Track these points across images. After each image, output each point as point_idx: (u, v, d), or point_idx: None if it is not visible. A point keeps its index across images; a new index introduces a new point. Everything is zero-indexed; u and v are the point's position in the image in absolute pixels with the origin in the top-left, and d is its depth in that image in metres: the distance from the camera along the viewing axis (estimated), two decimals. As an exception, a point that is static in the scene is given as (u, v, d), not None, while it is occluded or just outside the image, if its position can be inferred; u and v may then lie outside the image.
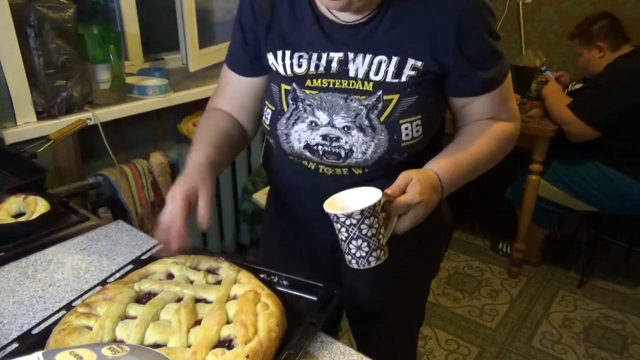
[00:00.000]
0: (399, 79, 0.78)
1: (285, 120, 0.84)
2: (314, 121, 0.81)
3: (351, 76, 0.80)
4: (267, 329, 0.66)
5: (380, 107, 0.78)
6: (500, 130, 0.87)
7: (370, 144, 0.79)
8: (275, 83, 0.87)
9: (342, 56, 0.80)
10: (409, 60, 0.78)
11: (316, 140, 0.82)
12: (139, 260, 0.86)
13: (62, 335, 0.65)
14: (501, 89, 0.85)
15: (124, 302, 0.71)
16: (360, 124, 0.79)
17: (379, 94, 0.79)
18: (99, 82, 1.63)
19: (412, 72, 0.78)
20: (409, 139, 0.80)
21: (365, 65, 0.79)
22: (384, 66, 0.78)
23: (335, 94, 0.80)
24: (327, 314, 0.72)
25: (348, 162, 0.82)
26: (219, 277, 0.79)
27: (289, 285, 0.81)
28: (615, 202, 2.17)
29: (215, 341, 0.65)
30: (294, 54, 0.83)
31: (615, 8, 2.42)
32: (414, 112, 0.79)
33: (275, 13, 0.85)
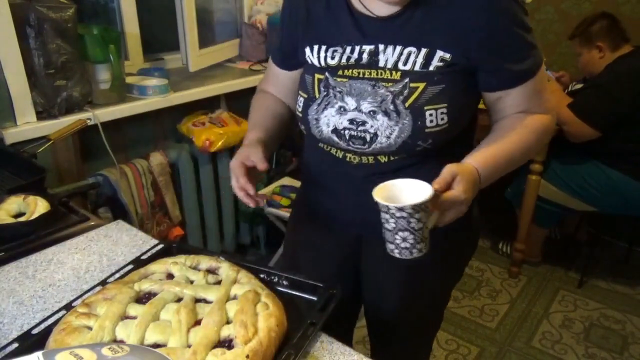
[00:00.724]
0: (426, 69, 0.81)
1: (316, 106, 0.88)
2: (342, 106, 0.85)
3: (380, 66, 0.83)
4: (267, 329, 0.66)
5: (406, 94, 0.81)
6: (535, 122, 0.87)
7: (395, 128, 0.82)
8: (309, 74, 0.91)
9: (373, 48, 0.84)
10: (438, 52, 0.80)
11: (344, 124, 0.85)
12: (139, 260, 0.86)
13: (62, 335, 0.65)
14: (534, 81, 0.85)
15: (124, 302, 0.71)
16: (385, 108, 0.82)
17: (405, 81, 0.81)
18: (99, 82, 1.63)
19: (440, 64, 0.81)
20: (433, 126, 0.81)
21: (395, 56, 0.82)
22: (413, 57, 0.81)
23: (365, 81, 0.84)
24: (327, 314, 0.72)
25: (373, 148, 0.85)
26: (219, 277, 0.79)
27: (289, 285, 0.81)
28: (615, 202, 2.17)
29: (215, 341, 0.65)
30: (329, 49, 0.88)
31: (615, 8, 2.42)
32: (440, 100, 0.81)
33: (312, 11, 0.91)
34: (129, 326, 0.67)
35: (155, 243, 0.94)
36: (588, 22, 2.15)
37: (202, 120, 2.02)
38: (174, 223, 2.00)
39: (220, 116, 2.09)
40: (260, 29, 2.34)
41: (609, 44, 2.11)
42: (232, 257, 0.83)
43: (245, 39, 2.35)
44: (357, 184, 0.92)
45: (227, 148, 2.05)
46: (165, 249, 0.90)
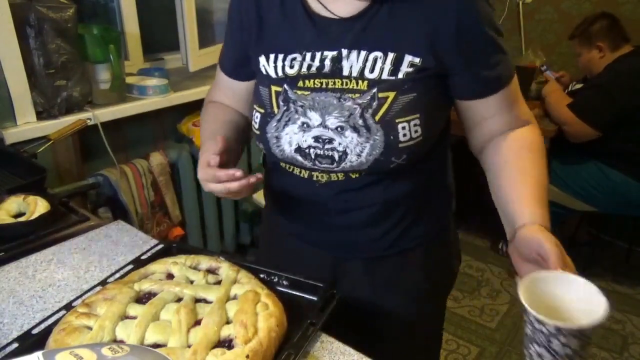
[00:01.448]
0: (395, 76, 0.74)
1: (275, 123, 0.79)
2: (305, 122, 0.77)
3: (345, 75, 0.75)
4: (267, 328, 0.66)
5: (375, 106, 0.74)
6: (532, 138, 0.81)
7: (365, 145, 0.74)
8: (264, 85, 0.82)
9: (336, 54, 0.75)
10: (406, 56, 0.73)
11: (308, 142, 0.77)
12: (139, 260, 0.86)
13: (62, 335, 0.65)
14: (509, 89, 0.79)
15: (124, 302, 0.71)
16: (354, 123, 0.74)
17: (373, 91, 0.74)
18: (99, 82, 1.63)
19: (410, 69, 0.74)
20: (406, 140, 0.74)
21: (359, 62, 0.74)
22: (380, 63, 0.74)
23: (329, 93, 0.76)
24: (327, 314, 0.72)
25: (343, 166, 0.77)
26: (219, 277, 0.79)
27: (289, 285, 0.81)
28: (615, 202, 2.17)
29: (215, 341, 0.65)
30: (286, 57, 0.78)
31: (615, 8, 2.42)
32: (412, 110, 0.74)
33: (265, 16, 0.82)
34: (129, 326, 0.67)
35: (155, 243, 0.94)
36: (588, 22, 2.15)
37: (202, 120, 2.02)
38: (174, 223, 2.00)
39: (220, 116, 2.09)
40: (260, 29, 2.34)
41: (609, 44, 2.11)
42: (232, 257, 0.83)
43: (245, 39, 2.34)
44: (325, 203, 0.85)
45: (227, 148, 2.05)
46: (165, 249, 0.90)
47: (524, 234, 0.69)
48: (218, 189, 0.78)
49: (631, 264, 2.60)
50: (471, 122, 0.84)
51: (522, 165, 0.78)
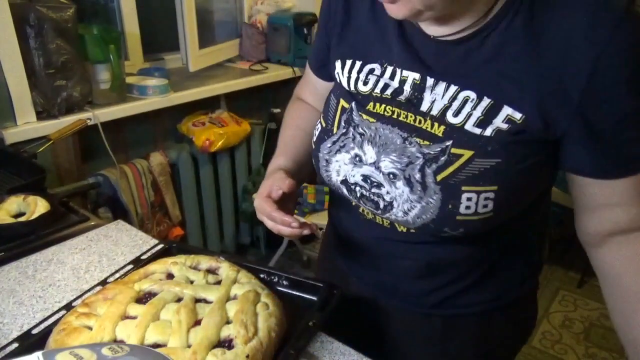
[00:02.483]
0: (482, 129, 0.58)
1: (330, 144, 0.70)
2: (359, 155, 0.66)
3: (423, 110, 0.61)
4: (267, 329, 0.66)
5: (442, 162, 0.59)
6: None
7: (416, 204, 0.61)
8: (335, 96, 0.72)
9: (419, 79, 0.62)
10: (505, 107, 0.57)
11: (355, 178, 0.66)
12: (139, 260, 0.86)
13: (62, 336, 0.65)
14: None
15: (124, 302, 0.71)
16: (410, 175, 0.61)
17: (447, 143, 0.59)
18: (99, 82, 1.63)
19: (504, 126, 0.57)
20: (469, 213, 0.59)
21: (445, 99, 0.60)
22: (469, 107, 0.58)
23: (395, 129, 0.63)
24: (327, 313, 0.72)
25: (388, 216, 0.66)
26: (219, 277, 0.79)
27: (289, 285, 0.81)
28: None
29: (215, 341, 0.65)
30: (364, 67, 0.67)
31: (615, 8, 2.42)
32: (488, 180, 0.58)
33: (352, 15, 0.70)
34: (129, 326, 0.67)
35: (155, 243, 0.94)
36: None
37: (202, 120, 2.02)
38: (174, 223, 2.01)
39: (220, 116, 2.09)
40: (260, 29, 2.34)
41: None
42: (232, 257, 0.83)
43: (245, 39, 2.35)
44: (370, 242, 0.76)
45: (227, 148, 2.05)
46: (165, 249, 0.90)
47: None
48: (269, 225, 0.71)
49: (631, 264, 2.60)
50: (586, 204, 0.64)
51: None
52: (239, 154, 2.18)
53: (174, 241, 0.94)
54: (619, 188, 0.60)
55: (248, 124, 2.14)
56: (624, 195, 0.60)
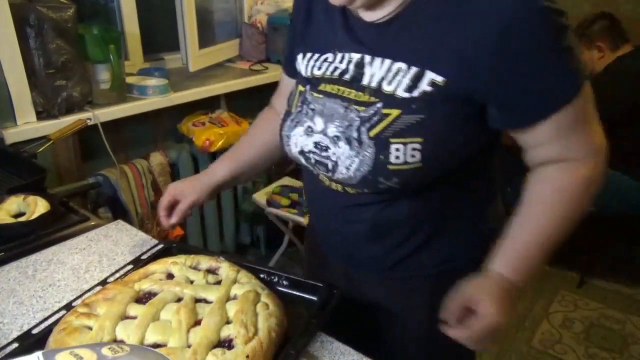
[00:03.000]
0: (410, 94, 0.67)
1: (289, 122, 0.81)
2: (310, 126, 0.76)
3: (364, 83, 0.71)
4: (267, 328, 0.66)
5: (374, 121, 0.69)
6: (573, 183, 0.72)
7: (355, 159, 0.70)
8: (296, 83, 0.85)
9: (360, 58, 0.72)
10: (427, 72, 0.66)
11: (309, 147, 0.76)
12: (139, 260, 0.86)
13: (62, 335, 0.65)
14: (567, 114, 0.67)
15: (124, 302, 0.71)
16: (349, 135, 0.71)
17: (378, 106, 0.69)
18: (99, 82, 1.63)
19: (429, 88, 0.66)
20: (399, 163, 0.68)
21: (382, 71, 0.70)
22: (400, 76, 0.68)
23: (338, 101, 0.73)
24: (327, 313, 0.72)
25: (336, 177, 0.75)
26: (219, 277, 0.79)
27: (289, 285, 0.81)
28: (615, 202, 2.17)
29: (215, 341, 0.65)
30: (320, 57, 0.78)
31: (615, 8, 2.42)
32: (413, 133, 0.67)
33: (313, 13, 0.82)
34: (129, 326, 0.67)
35: (155, 243, 0.94)
36: (588, 22, 2.15)
37: (202, 120, 2.02)
38: (174, 223, 2.00)
39: (220, 116, 2.09)
40: (260, 29, 2.34)
41: (609, 44, 2.11)
42: (232, 257, 0.83)
43: (245, 39, 2.35)
44: (336, 211, 0.84)
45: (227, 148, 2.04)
46: (165, 249, 0.90)
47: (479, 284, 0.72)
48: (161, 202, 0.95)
49: (631, 264, 2.60)
50: (522, 145, 0.75)
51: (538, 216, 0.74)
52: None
53: (174, 241, 0.95)
54: (537, 133, 0.69)
55: (248, 124, 2.14)
56: (544, 136, 0.70)
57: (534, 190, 0.75)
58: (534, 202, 0.75)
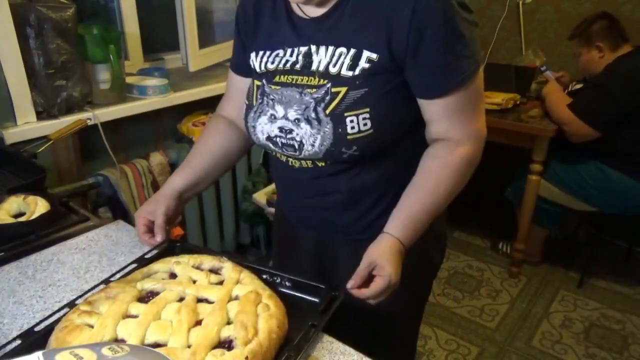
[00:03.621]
0: (353, 71, 0.79)
1: (252, 114, 0.90)
2: (273, 114, 0.85)
3: (313, 69, 0.82)
4: (267, 330, 0.66)
5: (327, 100, 0.80)
6: (455, 160, 0.84)
7: (317, 136, 0.81)
8: (252, 80, 0.93)
9: (307, 49, 0.83)
10: (364, 52, 0.78)
11: (275, 132, 0.86)
12: (143, 259, 0.86)
13: (64, 333, 0.65)
14: (457, 97, 0.80)
15: (126, 300, 0.71)
16: (307, 116, 0.81)
17: (327, 86, 0.80)
18: (99, 82, 1.63)
19: (367, 65, 0.78)
20: (355, 132, 0.79)
21: (327, 57, 0.81)
22: (342, 58, 0.80)
23: (293, 89, 0.83)
24: (329, 316, 0.72)
25: (304, 155, 0.85)
26: (222, 277, 0.79)
27: (292, 286, 0.81)
28: (615, 202, 2.17)
29: (215, 342, 0.65)
30: (272, 53, 0.88)
31: (615, 8, 2.42)
32: (361, 105, 0.79)
33: (259, 15, 0.91)
34: (130, 325, 0.67)
35: (159, 242, 0.94)
36: (588, 22, 2.15)
37: (202, 120, 2.02)
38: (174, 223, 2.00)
39: (220, 116, 2.09)
40: (260, 29, 2.34)
41: (609, 44, 2.11)
42: (235, 257, 0.83)
43: (245, 39, 2.35)
44: (305, 186, 0.93)
45: (227, 148, 2.05)
46: (169, 248, 0.90)
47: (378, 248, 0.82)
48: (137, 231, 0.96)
49: (631, 264, 2.60)
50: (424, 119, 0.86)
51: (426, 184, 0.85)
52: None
53: (178, 240, 0.95)
54: (433, 107, 0.82)
55: (248, 124, 2.14)
56: (436, 113, 0.83)
57: (425, 164, 0.86)
58: (423, 174, 0.86)
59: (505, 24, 2.84)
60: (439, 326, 2.13)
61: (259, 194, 2.15)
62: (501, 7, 2.81)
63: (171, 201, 0.98)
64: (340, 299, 0.75)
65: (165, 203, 0.97)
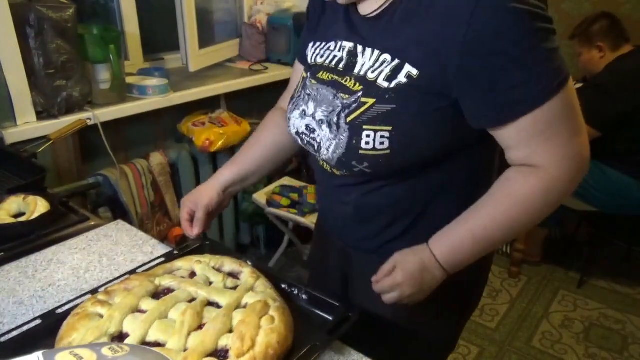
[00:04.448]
0: (389, 83, 0.72)
1: (291, 105, 0.87)
2: (304, 110, 0.82)
3: (355, 73, 0.76)
4: (265, 344, 0.63)
5: (353, 108, 0.74)
6: (522, 188, 0.72)
7: (333, 142, 0.77)
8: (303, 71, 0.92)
9: (353, 47, 0.78)
10: (406, 65, 0.70)
11: (302, 129, 0.83)
12: (171, 255, 0.87)
13: (75, 320, 0.66)
14: (534, 119, 0.67)
15: (139, 295, 0.71)
16: (330, 119, 0.77)
17: (359, 94, 0.74)
18: (99, 82, 1.63)
19: (404, 80, 0.70)
20: (369, 148, 0.73)
21: (371, 60, 0.74)
22: (384, 66, 0.73)
23: (330, 89, 0.79)
24: (336, 337, 0.68)
25: (321, 157, 0.82)
26: (238, 282, 0.78)
27: (307, 299, 0.78)
28: (616, 202, 2.17)
29: (210, 349, 0.63)
30: (325, 45, 0.84)
31: (615, 8, 2.42)
32: (384, 122, 0.71)
33: (327, 6, 0.88)
34: (136, 320, 0.67)
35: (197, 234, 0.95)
36: (588, 22, 2.15)
37: (202, 120, 2.02)
38: (174, 223, 2.00)
39: (220, 116, 2.09)
40: (260, 29, 2.34)
41: (609, 44, 2.11)
42: (258, 263, 0.83)
43: (245, 39, 2.35)
44: (329, 188, 0.91)
45: (227, 148, 2.05)
46: (199, 247, 0.91)
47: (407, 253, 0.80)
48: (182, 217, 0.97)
49: (631, 264, 2.60)
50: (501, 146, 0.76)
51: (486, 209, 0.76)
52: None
53: (208, 239, 0.95)
54: (504, 135, 0.71)
55: (248, 124, 2.14)
56: (511, 139, 0.71)
57: (493, 187, 0.77)
58: (486, 198, 0.76)
59: (505, 24, 2.84)
60: (439, 326, 2.13)
61: (259, 194, 2.15)
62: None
63: (215, 195, 0.97)
64: (352, 320, 0.71)
65: (209, 196, 0.96)
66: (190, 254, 0.86)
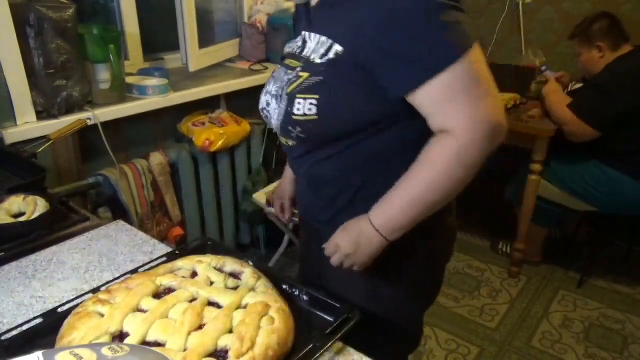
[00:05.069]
0: (321, 60, 0.83)
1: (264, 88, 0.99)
2: (267, 89, 0.95)
3: (303, 55, 0.87)
4: (265, 345, 0.63)
5: (292, 81, 0.85)
6: (437, 152, 0.79)
7: (276, 111, 0.89)
8: None
9: (306, 35, 0.89)
10: (335, 45, 0.81)
11: (263, 104, 0.95)
12: (173, 254, 0.87)
13: (75, 319, 0.66)
14: (441, 84, 0.75)
15: (140, 294, 0.71)
16: (278, 93, 0.89)
17: (298, 70, 0.86)
18: (99, 82, 1.63)
19: (333, 56, 0.81)
20: (300, 114, 0.83)
21: (314, 43, 0.86)
22: (321, 47, 0.84)
23: (284, 69, 0.92)
24: (335, 338, 0.69)
25: (273, 127, 0.93)
26: (239, 283, 0.77)
27: (308, 300, 0.78)
28: (615, 202, 2.17)
29: (210, 350, 0.63)
30: (296, 39, 0.95)
31: (615, 8, 2.42)
32: (313, 91, 0.82)
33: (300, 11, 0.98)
34: (136, 320, 0.67)
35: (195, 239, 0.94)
36: (588, 22, 2.15)
37: (202, 120, 2.02)
38: (174, 223, 2.01)
39: (220, 116, 2.09)
40: (260, 29, 2.34)
41: (609, 44, 2.10)
42: (259, 263, 0.83)
43: (245, 39, 2.35)
44: (294, 167, 1.03)
45: (227, 148, 2.05)
46: (201, 246, 0.92)
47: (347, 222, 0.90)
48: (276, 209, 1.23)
49: (631, 264, 2.60)
50: None
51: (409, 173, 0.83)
52: (239, 154, 2.18)
53: (210, 238, 0.95)
54: (418, 102, 0.78)
55: (248, 124, 2.15)
56: (425, 106, 0.79)
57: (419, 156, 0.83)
58: (412, 165, 0.83)
59: (505, 24, 2.84)
60: (439, 326, 2.13)
61: (259, 194, 2.15)
62: (501, 7, 2.81)
63: (292, 187, 1.17)
64: (353, 322, 0.71)
65: (290, 189, 1.18)
66: (191, 254, 0.86)
